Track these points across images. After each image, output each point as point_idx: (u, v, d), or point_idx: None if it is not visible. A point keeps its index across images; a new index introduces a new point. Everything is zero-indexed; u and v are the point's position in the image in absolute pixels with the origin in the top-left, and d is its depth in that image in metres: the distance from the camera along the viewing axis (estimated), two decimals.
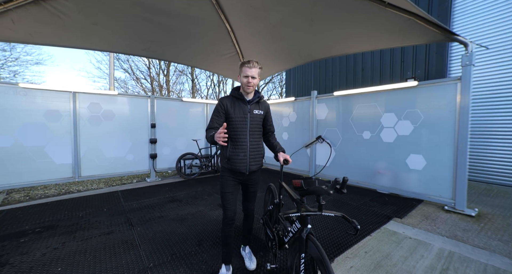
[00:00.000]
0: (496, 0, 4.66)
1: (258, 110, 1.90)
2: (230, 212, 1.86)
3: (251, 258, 2.09)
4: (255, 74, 1.80)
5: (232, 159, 1.81)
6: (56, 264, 2.11)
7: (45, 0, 3.23)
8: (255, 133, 1.90)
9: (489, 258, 2.14)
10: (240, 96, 1.86)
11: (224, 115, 1.84)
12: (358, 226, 1.28)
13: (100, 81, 26.43)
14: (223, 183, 1.89)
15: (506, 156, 4.65)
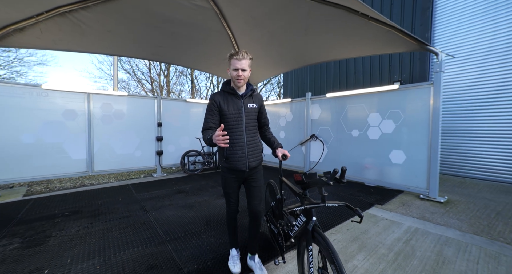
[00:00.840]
0: (471, 13, 5.16)
1: (252, 104, 1.82)
2: (234, 205, 1.91)
3: (262, 269, 1.88)
4: (245, 66, 1.68)
5: (230, 157, 1.75)
6: (90, 237, 2.55)
7: (69, 12, 3.68)
8: (251, 128, 1.83)
9: (445, 231, 2.61)
10: (232, 91, 1.76)
11: (218, 113, 1.76)
12: (362, 213, 1.27)
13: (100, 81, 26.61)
14: (224, 183, 1.87)
15: (477, 153, 5.15)
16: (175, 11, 4.10)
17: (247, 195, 1.93)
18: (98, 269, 2.00)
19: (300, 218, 1.55)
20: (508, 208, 3.34)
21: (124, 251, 2.27)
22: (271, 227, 2.21)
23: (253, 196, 1.89)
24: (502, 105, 4.85)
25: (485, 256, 2.12)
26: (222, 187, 1.92)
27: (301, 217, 1.54)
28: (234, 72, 1.69)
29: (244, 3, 3.96)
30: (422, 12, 5.68)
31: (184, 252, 2.26)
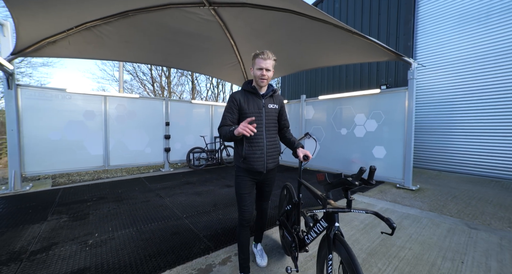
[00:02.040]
0: (447, 25, 5.80)
1: (273, 105, 1.78)
2: (247, 213, 1.74)
3: (263, 255, 2.00)
4: (269, 67, 1.67)
5: (249, 157, 1.68)
6: (120, 215, 3.14)
7: (94, 26, 4.26)
8: (271, 129, 1.78)
9: (408, 210, 3.23)
10: (254, 90, 1.74)
11: (237, 112, 1.72)
12: (394, 224, 1.12)
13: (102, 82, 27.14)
14: (239, 184, 1.75)
15: (452, 149, 5.79)
16: (185, 24, 4.69)
17: (257, 195, 1.94)
18: (134, 234, 2.59)
19: (320, 224, 1.44)
20: (464, 193, 3.98)
21: (151, 224, 2.86)
22: (284, 232, 2.07)
23: (264, 198, 1.94)
24: (474, 107, 5.49)
25: (431, 224, 2.74)
26: (235, 189, 1.78)
27: (321, 222, 1.43)
28: (258, 72, 1.67)
29: (246, 17, 4.56)
30: (405, 23, 6.32)
31: (199, 224, 2.85)
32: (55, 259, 2.11)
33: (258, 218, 2.07)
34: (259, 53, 1.66)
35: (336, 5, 8.07)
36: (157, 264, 2.03)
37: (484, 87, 5.37)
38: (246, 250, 1.79)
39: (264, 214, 2.04)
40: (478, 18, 5.41)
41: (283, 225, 2.11)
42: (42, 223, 2.86)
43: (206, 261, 2.09)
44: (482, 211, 3.21)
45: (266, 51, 1.66)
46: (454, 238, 2.45)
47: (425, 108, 6.24)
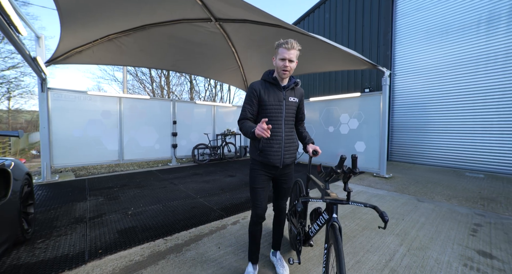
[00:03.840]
0: (419, 38, 6.67)
1: (293, 98, 1.70)
2: (260, 209, 1.67)
3: (283, 265, 1.84)
4: (293, 57, 1.56)
5: (266, 151, 1.62)
6: (145, 196, 3.86)
7: (116, 37, 4.95)
8: (290, 122, 1.71)
9: (378, 191, 4.04)
10: (275, 81, 1.65)
11: (257, 103, 1.64)
12: (387, 217, 1.19)
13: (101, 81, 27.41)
14: (254, 178, 1.69)
15: (424, 144, 6.66)
16: (193, 35, 5.42)
17: (274, 193, 1.87)
18: (161, 208, 3.32)
19: (322, 216, 1.45)
20: (424, 179, 4.84)
21: (172, 201, 3.60)
22: (291, 226, 2.13)
23: (281, 195, 1.84)
24: (442, 108, 6.37)
25: (392, 200, 3.56)
26: (250, 183, 1.72)
27: (323, 215, 1.45)
28: (280, 62, 1.57)
29: (246, 30, 5.30)
30: (384, 35, 7.17)
31: (211, 201, 3.60)
32: (109, 221, 2.84)
33: (275, 220, 1.91)
34: (282, 42, 1.55)
35: (326, 16, 8.89)
36: (185, 224, 2.78)
37: (450, 91, 6.24)
38: (258, 242, 1.76)
39: (282, 215, 1.90)
40: (441, 33, 6.29)
41: (290, 219, 2.13)
42: (85, 202, 3.56)
43: (221, 223, 2.84)
44: (432, 190, 4.06)
45: (291, 40, 1.54)
46: (404, 207, 3.26)
47: (402, 109, 7.11)
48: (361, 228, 2.66)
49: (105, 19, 4.20)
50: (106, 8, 3.75)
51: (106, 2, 3.57)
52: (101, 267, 1.94)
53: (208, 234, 2.55)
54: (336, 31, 8.56)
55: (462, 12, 6.06)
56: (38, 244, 2.30)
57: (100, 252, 2.16)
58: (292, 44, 1.55)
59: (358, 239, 2.41)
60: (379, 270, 1.88)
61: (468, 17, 5.96)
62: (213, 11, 4.52)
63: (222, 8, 4.30)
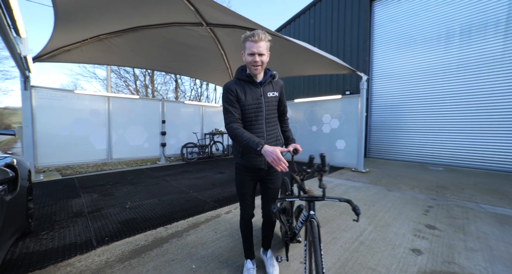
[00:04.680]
0: (393, 45, 7.35)
1: (272, 93, 1.60)
2: (248, 212, 1.70)
3: (273, 264, 1.82)
4: (262, 50, 1.42)
5: (248, 153, 1.56)
6: (140, 192, 4.03)
7: (107, 38, 5.02)
8: (272, 120, 1.63)
9: (355, 184, 4.52)
10: (250, 79, 1.54)
11: (238, 104, 1.53)
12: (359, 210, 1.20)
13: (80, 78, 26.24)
14: (239, 182, 1.67)
15: (398, 142, 7.35)
16: (184, 37, 5.60)
17: (262, 197, 1.77)
18: (158, 202, 3.52)
19: (303, 213, 1.47)
20: (396, 173, 5.44)
21: (167, 196, 3.81)
22: (280, 225, 2.17)
23: (269, 198, 1.73)
24: (414, 110, 7.07)
25: (366, 190, 4.04)
26: (236, 187, 1.71)
27: (304, 213, 1.47)
28: (249, 58, 1.45)
29: (235, 35, 5.57)
30: (363, 42, 7.79)
31: (204, 195, 3.85)
32: (109, 214, 3.02)
33: (265, 225, 1.83)
34: (249, 35, 1.41)
35: (311, 21, 9.40)
36: (182, 215, 3.03)
37: (419, 95, 6.96)
38: (250, 238, 1.78)
39: (272, 220, 1.80)
40: (410, 44, 7.00)
41: (278, 218, 2.11)
42: (79, 198, 3.67)
43: (215, 213, 3.12)
44: (400, 182, 4.62)
45: (258, 31, 1.40)
46: (376, 196, 3.74)
47: (379, 110, 7.76)
48: (339, 213, 3.07)
49: (99, 20, 4.29)
50: (103, 9, 3.86)
51: (105, 4, 3.69)
52: (110, 251, 2.16)
53: (204, 222, 2.82)
54: (320, 37, 9.09)
55: (425, 27, 6.81)
56: (43, 235, 2.45)
57: (107, 239, 2.37)
58: (260, 36, 1.39)
59: (335, 221, 2.81)
60: (351, 243, 2.28)
61: (430, 32, 6.70)
62: (205, 16, 4.76)
63: (213, 14, 4.55)
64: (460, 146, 6.29)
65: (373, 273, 1.84)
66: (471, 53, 6.10)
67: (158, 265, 1.95)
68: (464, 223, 2.76)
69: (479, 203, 3.43)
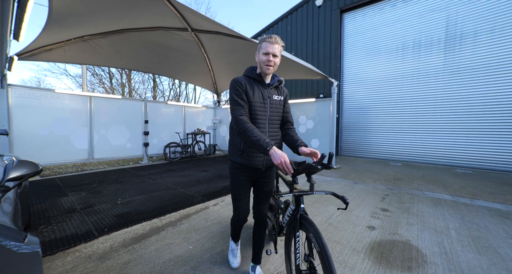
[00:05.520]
0: (361, 54, 8.21)
1: (278, 96, 1.66)
2: (242, 214, 1.71)
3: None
4: (277, 52, 1.51)
5: (248, 152, 1.57)
6: (128, 190, 4.20)
7: (91, 39, 5.07)
8: (274, 122, 1.65)
9: (326, 178, 5.13)
10: (260, 78, 1.60)
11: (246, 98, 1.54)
12: (348, 200, 1.27)
13: (47, 74, 24.40)
14: (235, 182, 1.67)
15: (366, 141, 8.23)
16: (168, 41, 5.81)
17: (255, 198, 1.80)
18: (148, 198, 3.76)
19: (290, 207, 1.55)
20: (363, 169, 6.19)
21: (156, 192, 4.04)
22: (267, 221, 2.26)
23: (262, 200, 1.77)
24: (378, 112, 7.96)
25: (336, 183, 4.65)
26: (231, 188, 1.71)
27: (291, 206, 1.54)
28: (264, 57, 1.51)
29: (219, 40, 5.92)
30: (335, 50, 8.56)
31: (191, 191, 4.16)
32: (102, 210, 3.21)
33: (256, 229, 1.80)
34: (266, 37, 1.52)
35: (288, 28, 10.01)
36: (173, 208, 3.32)
37: (383, 99, 7.87)
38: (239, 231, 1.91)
39: (264, 223, 1.81)
40: (374, 53, 7.90)
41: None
42: (67, 196, 3.77)
43: (203, 205, 3.46)
44: (365, 176, 5.34)
45: (274, 35, 1.52)
46: (344, 188, 4.36)
47: (349, 112, 8.58)
48: (312, 202, 3.59)
49: (86, 21, 4.37)
50: (94, 12, 3.96)
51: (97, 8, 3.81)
52: (112, 239, 2.42)
53: (195, 213, 3.16)
54: (297, 43, 9.72)
55: (386, 40, 7.76)
56: (42, 229, 2.61)
57: (106, 230, 2.60)
58: (276, 39, 1.52)
59: (309, 209, 3.31)
60: (321, 224, 2.79)
61: (390, 45, 7.66)
62: (190, 23, 5.04)
63: (198, 21, 4.86)
64: (414, 144, 7.28)
65: (337, 244, 2.34)
66: (421, 64, 7.10)
67: (159, 247, 2.27)
68: (410, 206, 3.43)
69: (423, 191, 4.19)
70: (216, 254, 2.15)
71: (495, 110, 6.04)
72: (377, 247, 2.29)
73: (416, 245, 2.31)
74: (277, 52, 1.52)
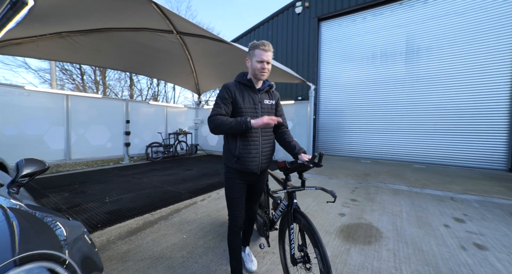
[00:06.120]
0: (334, 60, 8.91)
1: (269, 100, 1.69)
2: (239, 219, 1.68)
3: (252, 259, 1.97)
4: (270, 59, 1.56)
5: (243, 157, 1.58)
6: (114, 189, 4.25)
7: (69, 35, 4.96)
8: (267, 127, 1.66)
9: (305, 175, 5.59)
10: (250, 83, 1.62)
11: (231, 105, 1.58)
12: (336, 194, 1.37)
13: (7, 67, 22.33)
14: (230, 187, 1.67)
15: (340, 140, 8.94)
16: (152, 42, 5.86)
17: (248, 199, 1.83)
18: (136, 196, 3.86)
19: (283, 203, 1.65)
20: (337, 166, 6.80)
21: (143, 190, 4.15)
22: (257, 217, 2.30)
23: (254, 199, 1.84)
24: (350, 114, 8.70)
25: (312, 179, 5.12)
26: (226, 193, 1.70)
27: (283, 202, 1.64)
28: (258, 64, 1.54)
29: (203, 44, 6.09)
30: (312, 55, 9.17)
31: (178, 188, 4.32)
32: (91, 208, 3.28)
33: (246, 222, 1.93)
34: (259, 43, 1.53)
35: (269, 33, 10.44)
36: (162, 204, 3.49)
37: (355, 102, 8.62)
38: (239, 257, 1.73)
39: (253, 217, 1.97)
40: (348, 60, 8.66)
41: None
42: (48, 197, 3.72)
43: (192, 201, 3.67)
44: (339, 172, 5.92)
45: (267, 42, 1.54)
46: (320, 183, 4.84)
47: (325, 114, 9.24)
48: None
49: (68, 18, 4.27)
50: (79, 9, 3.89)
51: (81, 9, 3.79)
52: (107, 233, 2.56)
53: (184, 208, 3.37)
54: (277, 47, 10.18)
55: (358, 48, 8.53)
56: None
57: (100, 226, 2.72)
58: (269, 46, 1.54)
59: None
60: None
61: (362, 53, 8.44)
62: (176, 26, 5.17)
63: (184, 24, 5.01)
64: (381, 143, 8.11)
65: None
66: (387, 72, 7.95)
67: (155, 238, 2.47)
68: (374, 196, 3.98)
69: (386, 183, 4.82)
70: (209, 241, 2.42)
71: (444, 114, 7.02)
72: (346, 229, 2.72)
73: (376, 226, 2.79)
74: (270, 59, 1.58)
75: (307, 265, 1.47)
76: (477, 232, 2.63)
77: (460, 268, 1.97)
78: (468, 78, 6.71)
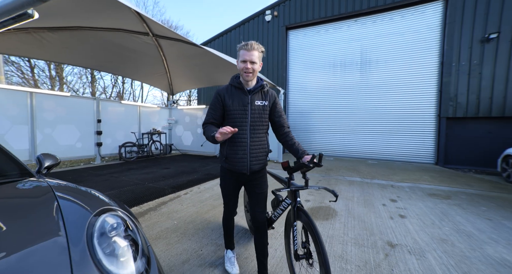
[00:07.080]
0: (300, 67, 9.82)
1: (261, 101, 1.65)
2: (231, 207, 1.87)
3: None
4: (254, 58, 1.53)
5: (230, 157, 1.64)
6: (92, 188, 4.32)
7: (36, 31, 4.82)
8: (258, 127, 1.66)
9: (276, 171, 6.24)
10: (239, 85, 1.63)
11: (221, 108, 1.64)
12: (337, 193, 1.46)
13: None
14: (223, 186, 1.80)
15: (309, 140, 9.88)
16: (127, 42, 5.91)
17: (249, 201, 1.80)
18: (118, 192, 4.02)
19: (285, 202, 1.73)
20: None
21: (125, 187, 4.30)
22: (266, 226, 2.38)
23: (256, 202, 1.76)
24: (317, 116, 9.68)
25: (283, 174, 5.78)
26: (221, 187, 1.84)
27: (286, 201, 1.72)
28: (242, 65, 1.56)
29: (178, 46, 6.31)
30: (281, 61, 9.96)
31: (160, 184, 4.57)
32: None
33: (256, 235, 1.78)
34: (243, 44, 1.56)
35: (240, 37, 10.95)
36: (148, 198, 3.75)
37: (320, 105, 9.63)
38: (231, 233, 1.98)
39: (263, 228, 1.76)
40: (312, 67, 9.65)
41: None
42: None
43: (175, 195, 4.00)
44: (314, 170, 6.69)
45: (251, 41, 1.56)
46: None
47: (294, 116, 10.10)
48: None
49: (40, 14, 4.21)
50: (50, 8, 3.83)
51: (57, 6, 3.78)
52: None
53: (169, 201, 3.69)
54: None
55: (321, 57, 9.54)
56: None
57: None
58: (253, 45, 1.54)
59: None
60: None
61: (324, 61, 9.48)
62: (152, 29, 5.36)
63: (160, 28, 5.22)
64: (342, 142, 9.24)
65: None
66: (346, 79, 9.10)
67: (149, 225, 2.80)
68: (334, 186, 4.76)
69: (344, 176, 5.71)
70: (197, 224, 2.84)
71: (389, 118, 8.36)
72: (310, 211, 3.38)
73: (333, 208, 3.51)
74: (255, 59, 1.54)
75: (309, 261, 1.55)
76: (403, 207, 3.52)
77: (386, 230, 2.74)
78: (406, 88, 8.13)
